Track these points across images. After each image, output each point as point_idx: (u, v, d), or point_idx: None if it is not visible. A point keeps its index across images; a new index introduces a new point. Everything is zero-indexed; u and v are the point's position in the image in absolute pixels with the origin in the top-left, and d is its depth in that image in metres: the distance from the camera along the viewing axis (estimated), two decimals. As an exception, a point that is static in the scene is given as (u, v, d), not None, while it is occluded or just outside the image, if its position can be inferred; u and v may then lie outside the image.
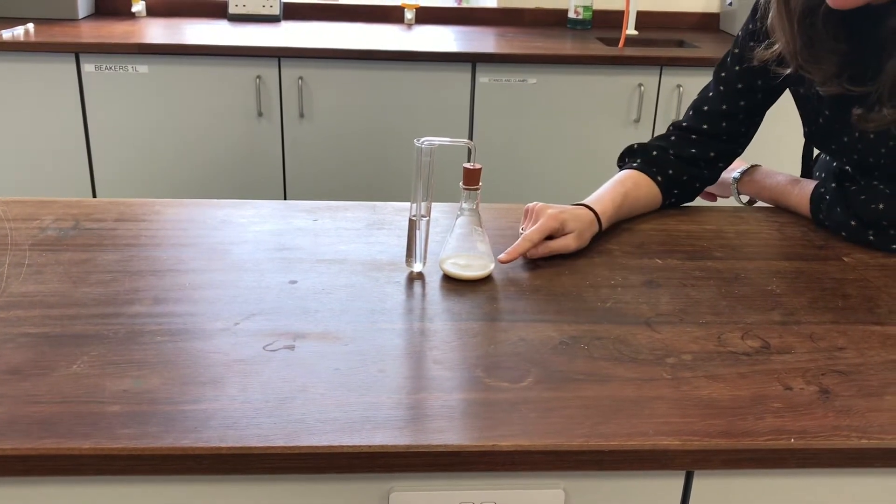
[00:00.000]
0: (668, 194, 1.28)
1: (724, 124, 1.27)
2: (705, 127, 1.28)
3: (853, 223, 1.17)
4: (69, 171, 2.79)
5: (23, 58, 2.65)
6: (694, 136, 1.28)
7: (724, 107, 1.26)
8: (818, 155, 1.42)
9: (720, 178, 1.37)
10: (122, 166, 2.80)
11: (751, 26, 1.23)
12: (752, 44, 1.21)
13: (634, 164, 1.28)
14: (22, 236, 1.12)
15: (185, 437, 0.71)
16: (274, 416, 0.74)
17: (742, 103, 1.26)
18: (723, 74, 1.27)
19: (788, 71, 1.16)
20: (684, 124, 1.30)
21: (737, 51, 1.25)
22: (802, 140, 1.33)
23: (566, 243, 1.11)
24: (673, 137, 1.29)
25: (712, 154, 1.28)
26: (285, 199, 2.85)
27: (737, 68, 1.25)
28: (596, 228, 1.16)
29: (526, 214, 1.16)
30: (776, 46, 1.15)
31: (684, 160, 1.28)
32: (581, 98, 2.81)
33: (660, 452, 0.73)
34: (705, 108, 1.28)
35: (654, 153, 1.28)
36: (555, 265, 1.09)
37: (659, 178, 1.27)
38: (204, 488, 0.75)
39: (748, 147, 1.32)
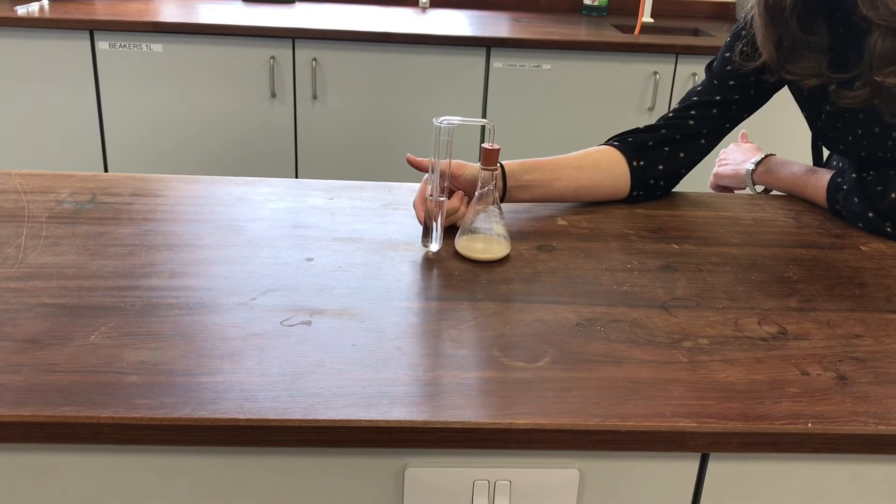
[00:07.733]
0: (630, 154, 1.23)
1: (714, 111, 1.24)
2: (693, 112, 1.25)
3: (870, 215, 1.16)
4: (82, 148, 2.80)
5: (37, 34, 2.65)
6: (677, 120, 1.26)
7: (717, 97, 1.24)
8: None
9: (734, 171, 1.35)
10: (135, 144, 2.81)
11: (743, 32, 1.22)
12: (740, 50, 1.21)
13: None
14: (39, 209, 1.12)
15: (202, 409, 0.71)
16: (291, 390, 0.75)
17: (736, 96, 1.24)
18: (714, 72, 1.26)
19: (774, 80, 1.17)
20: (670, 114, 1.27)
21: (728, 54, 1.24)
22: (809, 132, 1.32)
23: (454, 204, 1.08)
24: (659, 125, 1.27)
25: (691, 123, 1.25)
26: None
27: (728, 68, 1.24)
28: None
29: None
30: (760, 59, 1.16)
31: (652, 129, 1.25)
32: (595, 85, 2.80)
33: (676, 434, 0.73)
34: (695, 98, 1.26)
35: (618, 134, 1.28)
36: (571, 249, 1.09)
37: (616, 143, 1.25)
38: (220, 459, 0.75)
39: (761, 140, 1.31)
